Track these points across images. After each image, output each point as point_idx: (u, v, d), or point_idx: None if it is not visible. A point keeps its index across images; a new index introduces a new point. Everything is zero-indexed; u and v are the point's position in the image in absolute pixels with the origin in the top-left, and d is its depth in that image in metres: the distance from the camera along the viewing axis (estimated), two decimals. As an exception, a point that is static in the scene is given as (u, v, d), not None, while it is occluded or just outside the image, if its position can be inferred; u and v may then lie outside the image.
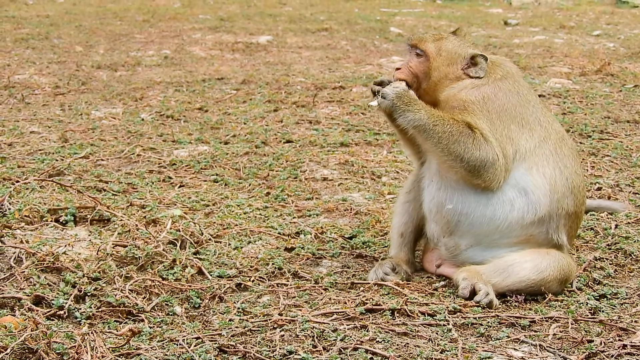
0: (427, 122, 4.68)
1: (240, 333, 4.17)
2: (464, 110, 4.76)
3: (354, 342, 4.05)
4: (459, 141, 4.65)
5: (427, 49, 4.97)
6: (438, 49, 4.98)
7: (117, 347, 3.93)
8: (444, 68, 4.96)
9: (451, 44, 5.01)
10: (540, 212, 4.72)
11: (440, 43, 5.00)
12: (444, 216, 4.84)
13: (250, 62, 12.39)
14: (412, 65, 4.98)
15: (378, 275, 4.88)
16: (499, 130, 4.74)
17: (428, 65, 4.95)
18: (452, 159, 4.68)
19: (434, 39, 5.03)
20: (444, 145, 4.66)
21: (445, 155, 4.68)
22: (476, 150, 4.66)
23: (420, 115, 4.69)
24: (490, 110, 4.79)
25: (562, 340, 4.17)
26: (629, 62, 12.37)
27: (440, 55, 4.97)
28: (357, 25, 16.89)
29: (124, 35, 15.00)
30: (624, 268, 5.13)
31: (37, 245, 5.03)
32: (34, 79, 10.62)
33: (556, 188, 4.75)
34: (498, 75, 4.92)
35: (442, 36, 5.04)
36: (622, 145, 7.72)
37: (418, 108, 4.72)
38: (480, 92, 4.85)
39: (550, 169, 4.77)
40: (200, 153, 7.44)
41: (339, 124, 8.52)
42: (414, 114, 4.70)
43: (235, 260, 5.12)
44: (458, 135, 4.66)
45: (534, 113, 4.86)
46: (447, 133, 4.66)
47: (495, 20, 18.25)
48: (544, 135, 4.83)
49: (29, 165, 6.95)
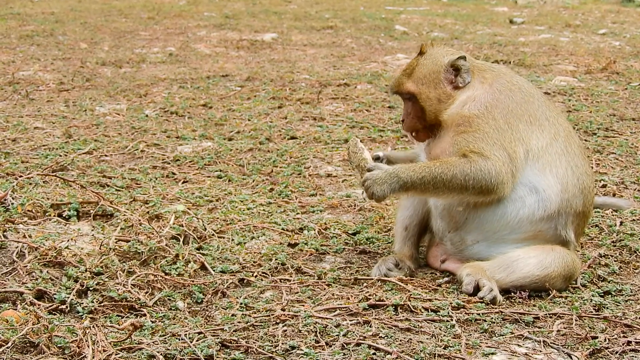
0: (415, 179, 4.60)
1: (242, 328, 4.16)
2: (469, 127, 4.70)
3: (357, 338, 4.03)
4: (454, 175, 4.59)
5: (408, 89, 4.90)
6: (416, 82, 4.90)
7: (118, 341, 3.91)
8: (433, 95, 4.88)
9: (424, 69, 4.92)
10: (550, 210, 4.70)
11: (415, 74, 4.92)
12: (451, 213, 4.83)
13: (255, 59, 12.38)
14: (410, 111, 4.92)
15: (381, 271, 4.86)
16: (507, 135, 4.68)
17: (420, 102, 4.88)
18: (457, 193, 4.63)
19: (407, 74, 4.93)
20: (444, 187, 4.61)
21: (450, 193, 4.63)
22: (478, 173, 4.59)
23: (405, 179, 4.61)
24: (496, 117, 4.73)
25: (566, 337, 4.15)
26: (634, 61, 12.33)
27: (423, 85, 4.89)
28: (362, 23, 16.86)
29: (128, 32, 15.00)
30: (629, 265, 5.11)
31: (39, 240, 5.02)
32: (38, 76, 10.62)
33: (567, 188, 4.72)
34: (489, 78, 4.87)
35: (413, 65, 4.94)
36: (627, 143, 7.69)
37: (399, 175, 4.61)
38: (481, 102, 4.78)
39: (562, 169, 4.73)
40: (204, 149, 7.43)
41: (343, 120, 8.51)
42: (398, 181, 4.61)
43: (239, 255, 5.10)
44: (451, 169, 4.60)
45: (540, 107, 4.82)
46: (440, 175, 4.60)
47: (501, 19, 18.21)
48: (553, 131, 4.79)
49: (32, 160, 6.94)
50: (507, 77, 4.91)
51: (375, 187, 4.62)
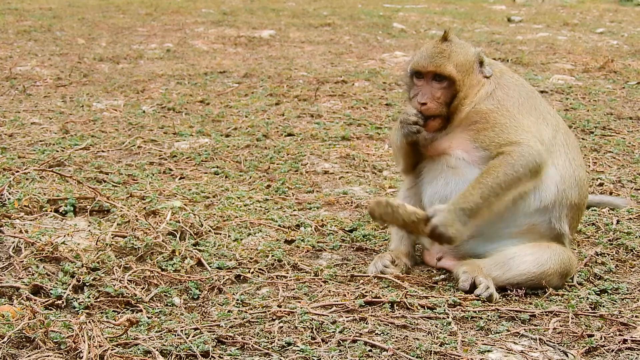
0: (477, 201, 4.50)
1: (238, 324, 4.16)
2: (487, 123, 4.68)
3: (353, 334, 4.03)
4: (505, 173, 4.53)
5: (450, 72, 4.74)
6: (456, 67, 4.76)
7: (114, 336, 3.91)
8: (467, 82, 4.78)
9: (460, 55, 4.80)
10: (545, 201, 4.70)
11: (453, 58, 4.77)
12: None
13: (253, 56, 12.37)
14: (440, 96, 4.76)
15: (377, 268, 4.84)
16: (525, 122, 4.71)
17: (455, 87, 4.75)
18: (515, 187, 4.57)
19: (445, 57, 4.76)
20: (502, 189, 4.53)
21: (509, 192, 4.56)
22: (521, 158, 4.56)
23: (470, 207, 4.50)
24: (510, 109, 4.72)
25: (562, 335, 4.15)
26: (632, 60, 12.34)
27: (460, 71, 4.76)
28: (360, 20, 16.86)
29: (126, 28, 14.98)
30: (625, 263, 5.11)
31: (36, 235, 5.01)
32: (35, 71, 10.61)
33: (565, 179, 4.75)
34: (497, 73, 4.89)
35: (446, 50, 4.79)
36: (625, 142, 7.70)
37: (461, 207, 4.51)
38: (494, 97, 4.77)
39: (562, 160, 4.76)
40: (201, 145, 7.42)
41: (340, 117, 8.50)
42: (464, 212, 4.50)
43: (235, 252, 5.10)
44: (497, 170, 4.54)
45: (541, 102, 4.92)
46: (492, 182, 4.53)
47: (499, 17, 18.21)
48: (554, 124, 4.84)
49: (29, 155, 6.93)
50: (509, 73, 4.96)
51: (448, 231, 4.49)
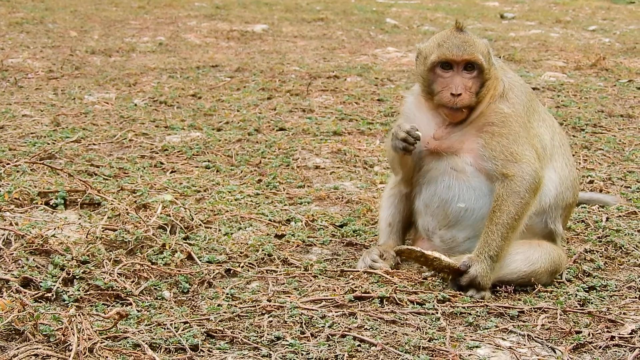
0: (498, 243, 4.51)
1: (228, 318, 4.16)
2: (503, 128, 4.62)
3: (342, 329, 4.04)
4: (513, 203, 4.54)
5: (481, 61, 4.62)
6: (484, 56, 4.65)
7: (104, 329, 3.91)
8: (493, 71, 4.69)
9: (481, 45, 4.69)
10: (543, 203, 4.71)
11: (478, 47, 4.65)
12: (446, 211, 4.77)
13: (245, 50, 12.36)
14: (470, 85, 4.63)
15: (366, 263, 4.84)
16: (531, 132, 4.68)
17: (483, 76, 4.65)
18: (526, 211, 4.58)
19: (475, 45, 4.64)
20: (515, 220, 4.54)
21: (522, 218, 4.58)
22: (524, 183, 4.55)
23: (495, 253, 4.51)
24: (521, 114, 4.68)
25: (551, 331, 4.16)
26: (623, 57, 12.36)
27: (486, 60, 4.65)
28: (353, 15, 16.85)
29: (119, 21, 14.94)
30: (614, 261, 5.13)
31: (26, 228, 5.00)
32: (27, 63, 10.57)
33: (562, 181, 4.76)
34: (499, 69, 4.83)
35: (470, 39, 4.66)
36: (615, 139, 7.71)
37: (489, 255, 4.51)
38: (508, 99, 4.70)
39: (560, 162, 4.77)
40: (193, 139, 7.42)
41: (332, 112, 8.50)
42: (492, 258, 4.51)
43: (225, 246, 5.10)
44: (506, 203, 4.54)
45: (538, 102, 4.91)
46: (506, 218, 4.53)
47: (492, 14, 18.22)
48: (550, 124, 4.84)
49: (20, 148, 6.92)
50: (507, 68, 4.93)
51: (485, 281, 4.51)
